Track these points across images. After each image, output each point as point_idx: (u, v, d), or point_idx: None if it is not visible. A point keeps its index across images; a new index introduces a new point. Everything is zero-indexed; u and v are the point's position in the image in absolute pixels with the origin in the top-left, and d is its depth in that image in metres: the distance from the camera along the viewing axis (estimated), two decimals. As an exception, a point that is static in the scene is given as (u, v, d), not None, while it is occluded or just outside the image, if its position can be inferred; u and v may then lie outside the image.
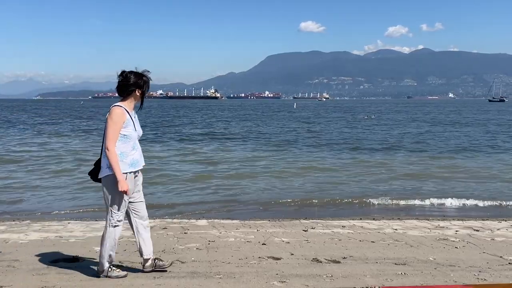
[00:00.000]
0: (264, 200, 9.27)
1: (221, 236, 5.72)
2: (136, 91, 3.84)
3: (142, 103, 3.95)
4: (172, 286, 3.78)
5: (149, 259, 4.07)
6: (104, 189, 3.82)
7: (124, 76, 3.82)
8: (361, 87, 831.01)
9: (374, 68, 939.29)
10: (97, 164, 3.91)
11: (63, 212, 8.29)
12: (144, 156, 4.05)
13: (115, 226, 3.88)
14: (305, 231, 6.12)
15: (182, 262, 4.43)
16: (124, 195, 3.79)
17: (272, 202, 9.09)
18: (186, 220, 7.05)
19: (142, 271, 4.11)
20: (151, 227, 6.32)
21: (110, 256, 3.93)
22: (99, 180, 3.90)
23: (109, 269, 3.98)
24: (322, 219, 7.29)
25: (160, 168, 13.18)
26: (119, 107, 3.79)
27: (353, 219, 7.32)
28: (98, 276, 3.97)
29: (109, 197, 3.82)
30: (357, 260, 4.65)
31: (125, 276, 4.00)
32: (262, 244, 5.27)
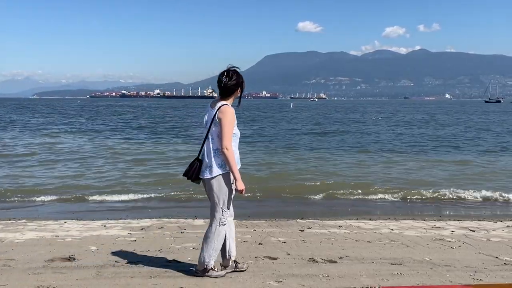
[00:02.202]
0: (261, 200, 9.27)
1: (218, 236, 5.71)
2: (238, 90, 3.85)
3: (240, 101, 3.96)
4: (168, 286, 3.77)
5: (233, 260, 4.09)
6: (214, 188, 3.79)
7: (230, 77, 3.80)
8: (358, 87, 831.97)
9: (371, 68, 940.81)
10: (193, 165, 3.84)
11: (59, 211, 8.27)
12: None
13: (225, 224, 3.88)
14: (301, 231, 6.13)
15: (179, 262, 4.43)
16: (233, 192, 3.85)
17: (269, 202, 9.10)
18: (183, 220, 7.05)
19: (139, 271, 4.10)
20: (148, 227, 6.34)
21: (215, 255, 3.91)
22: (196, 180, 3.86)
23: (211, 269, 3.95)
24: (318, 219, 7.30)
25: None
26: (231, 106, 3.80)
27: (349, 219, 7.34)
28: (200, 276, 3.93)
29: (221, 196, 3.81)
30: (354, 260, 4.65)
31: (224, 275, 3.98)
32: (259, 244, 5.27)
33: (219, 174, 3.75)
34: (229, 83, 3.77)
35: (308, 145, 19.93)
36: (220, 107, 3.74)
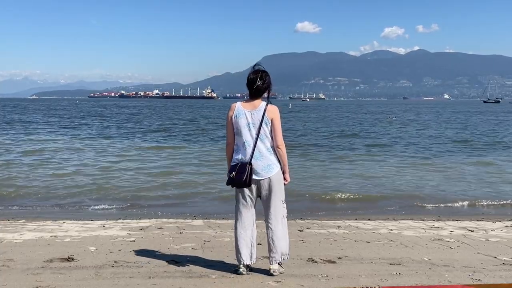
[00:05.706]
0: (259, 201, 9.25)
1: (217, 236, 5.72)
2: (267, 91, 3.96)
3: (269, 100, 4.03)
4: (167, 286, 3.77)
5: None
6: (277, 183, 3.90)
7: (264, 79, 3.87)
8: (357, 87, 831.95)
9: (370, 69, 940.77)
10: (245, 169, 3.77)
11: (58, 211, 8.27)
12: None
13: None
14: (300, 231, 6.13)
15: (177, 262, 4.43)
16: None
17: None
18: (182, 220, 7.05)
19: (138, 272, 4.10)
20: (147, 227, 6.33)
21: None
22: (247, 184, 3.83)
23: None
24: (317, 219, 7.31)
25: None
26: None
27: (348, 219, 7.35)
28: (277, 274, 4.01)
29: (282, 189, 3.96)
30: (352, 260, 4.66)
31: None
32: (258, 244, 5.27)
33: (279, 169, 3.89)
34: (264, 86, 3.87)
35: (310, 147, 19.94)
36: (266, 107, 3.84)
